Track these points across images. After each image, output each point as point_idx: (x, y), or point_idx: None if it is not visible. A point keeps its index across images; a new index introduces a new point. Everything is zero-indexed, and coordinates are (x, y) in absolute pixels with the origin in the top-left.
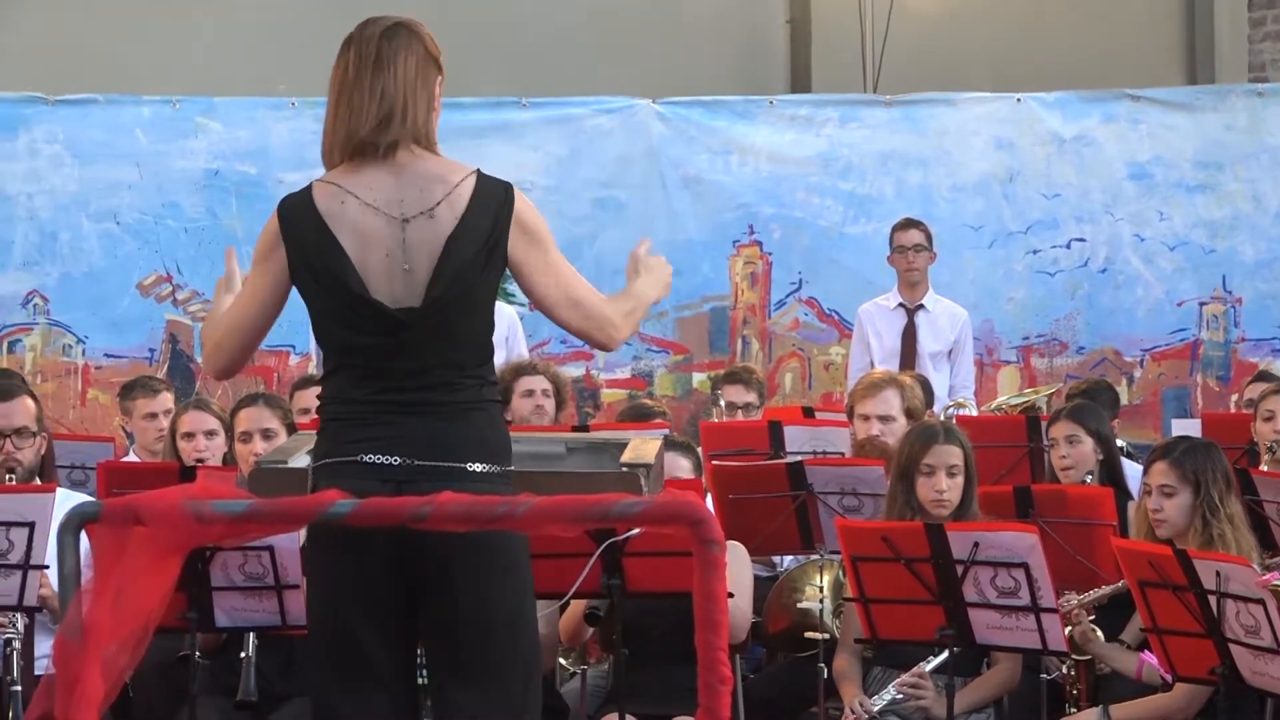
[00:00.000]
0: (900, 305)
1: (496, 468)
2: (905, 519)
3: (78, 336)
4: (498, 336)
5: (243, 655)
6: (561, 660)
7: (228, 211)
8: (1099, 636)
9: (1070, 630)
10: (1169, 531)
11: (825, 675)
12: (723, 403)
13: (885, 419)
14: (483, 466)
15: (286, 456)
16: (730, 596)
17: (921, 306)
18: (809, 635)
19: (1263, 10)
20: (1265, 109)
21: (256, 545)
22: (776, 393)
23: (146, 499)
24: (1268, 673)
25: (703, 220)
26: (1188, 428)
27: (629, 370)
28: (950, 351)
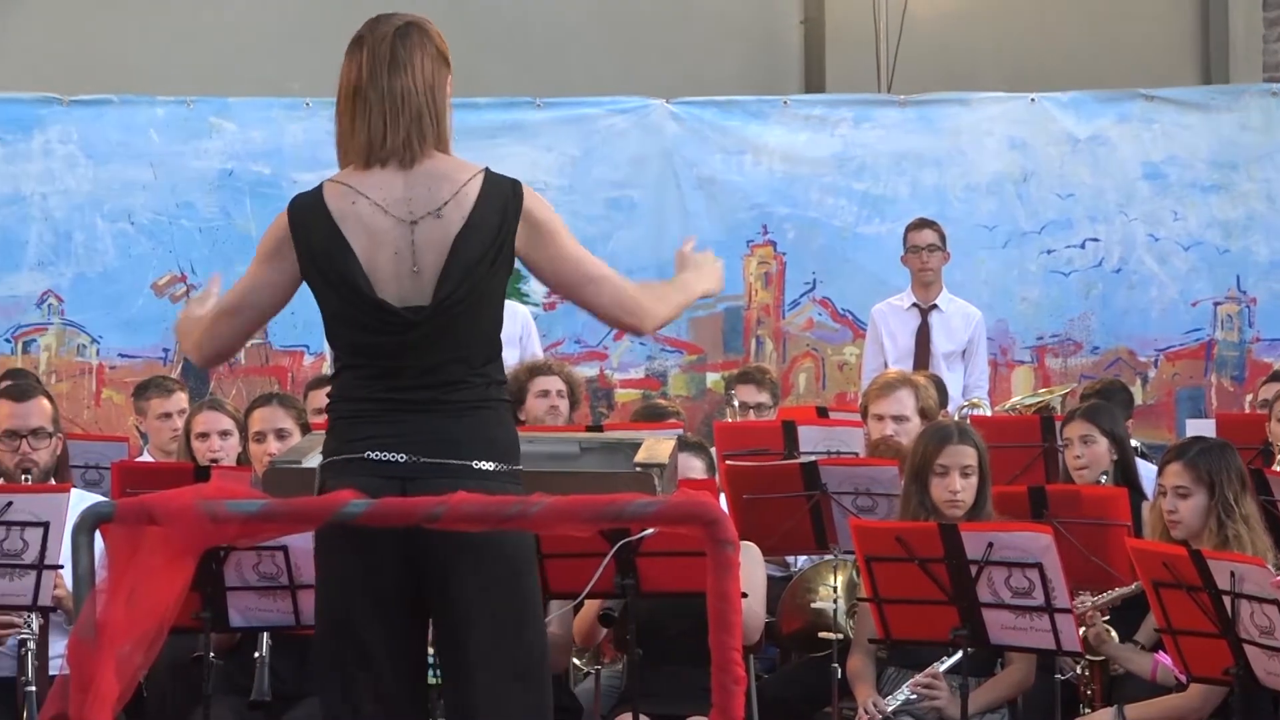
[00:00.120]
0: (914, 305)
1: (504, 466)
2: (919, 519)
3: (92, 336)
4: (511, 336)
5: (257, 655)
6: (575, 660)
7: (242, 211)
8: (1113, 637)
9: (1084, 631)
10: (1184, 533)
11: (839, 675)
12: (736, 403)
13: (899, 419)
14: (490, 465)
15: (300, 456)
16: (744, 596)
17: (935, 306)
18: (823, 635)
19: (1278, 10)
20: None
21: (270, 545)
22: (790, 393)
23: (161, 499)
24: None
25: (717, 220)
26: (1202, 428)
27: (643, 370)
28: (964, 351)
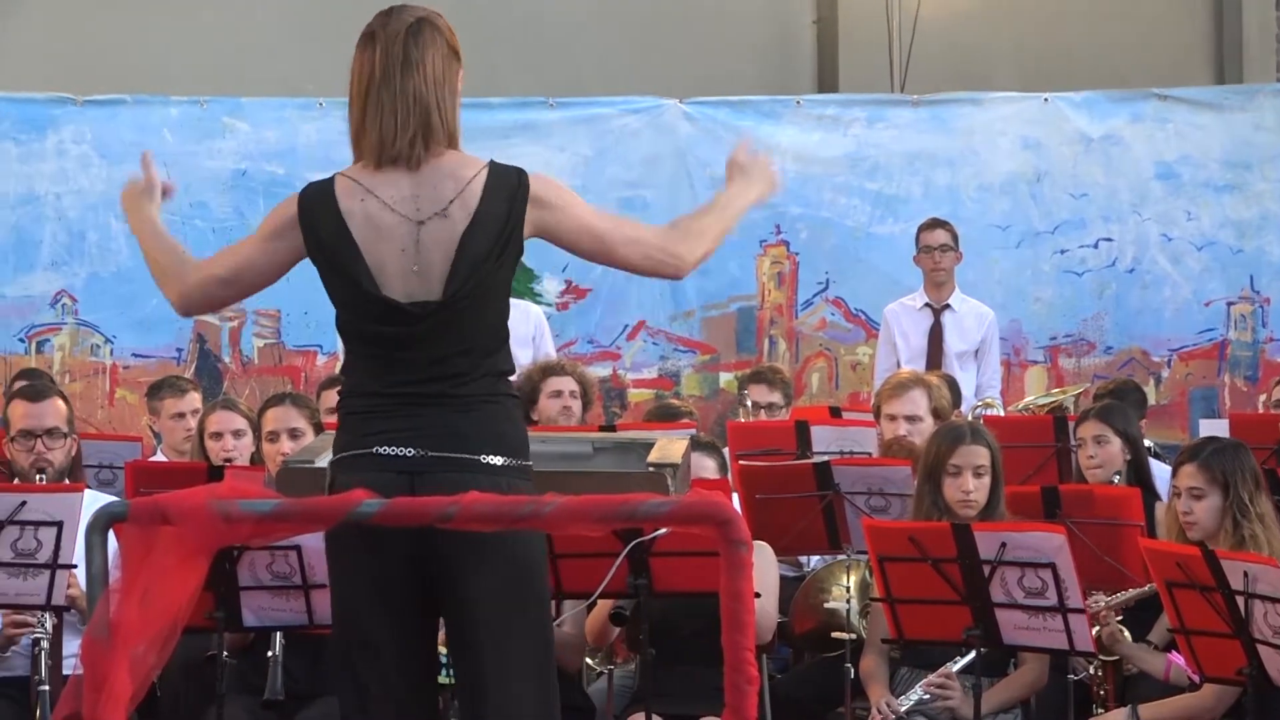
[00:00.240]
0: (926, 305)
1: (513, 461)
2: (932, 519)
3: (106, 336)
4: (524, 336)
5: (270, 654)
6: (588, 660)
7: (255, 211)
8: (1126, 637)
9: (1098, 631)
10: (1200, 534)
11: (852, 675)
12: (749, 403)
13: (912, 419)
14: (500, 459)
15: (313, 456)
16: (757, 596)
17: (948, 306)
18: (836, 635)
19: None
20: None
21: (284, 545)
22: (803, 392)
23: (174, 499)
24: None
25: None
26: (1215, 428)
27: (656, 370)
28: (977, 351)
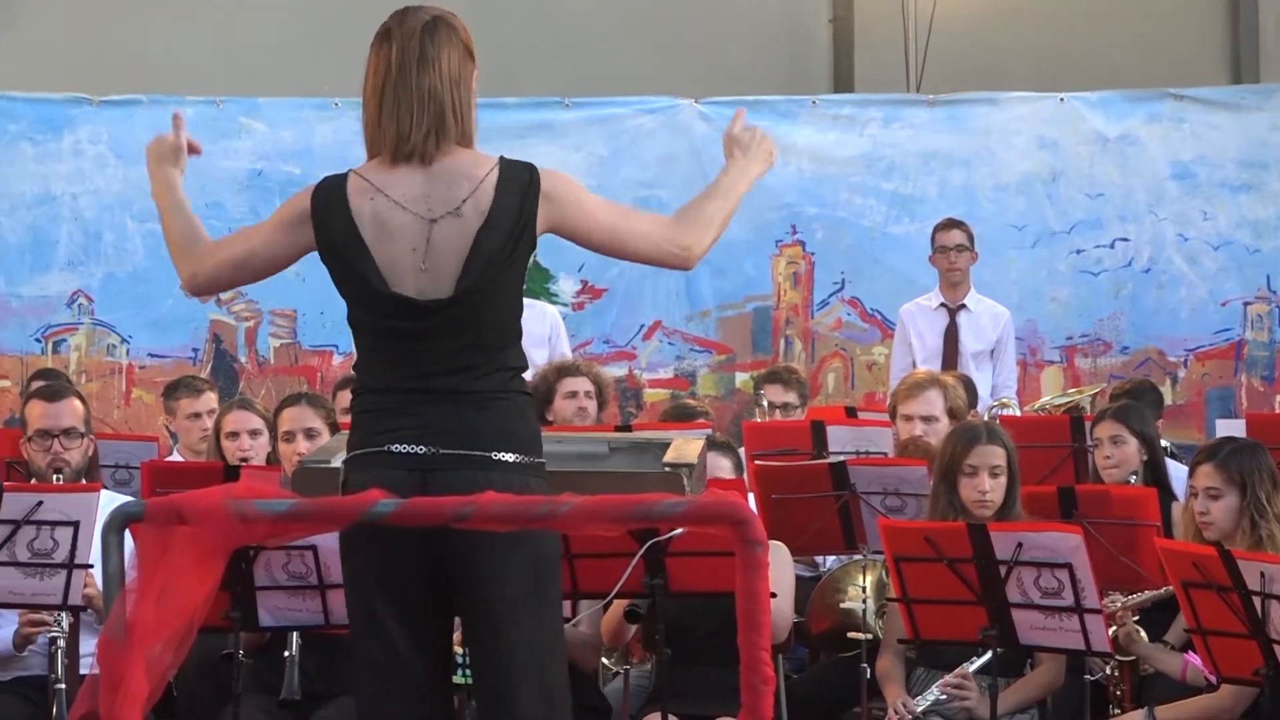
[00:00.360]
0: (942, 305)
1: (525, 458)
2: (948, 519)
3: (122, 336)
4: (540, 336)
5: (286, 654)
6: (605, 660)
7: (271, 211)
8: (1143, 637)
9: (1114, 631)
10: (1216, 534)
11: (868, 676)
12: (765, 402)
13: (928, 419)
14: (512, 456)
15: (329, 456)
16: (772, 596)
17: (963, 306)
18: (852, 635)
19: None
20: None
21: (300, 545)
22: (819, 393)
23: (190, 498)
24: None
25: (745, 220)
26: (1232, 428)
27: (671, 370)
28: (992, 351)
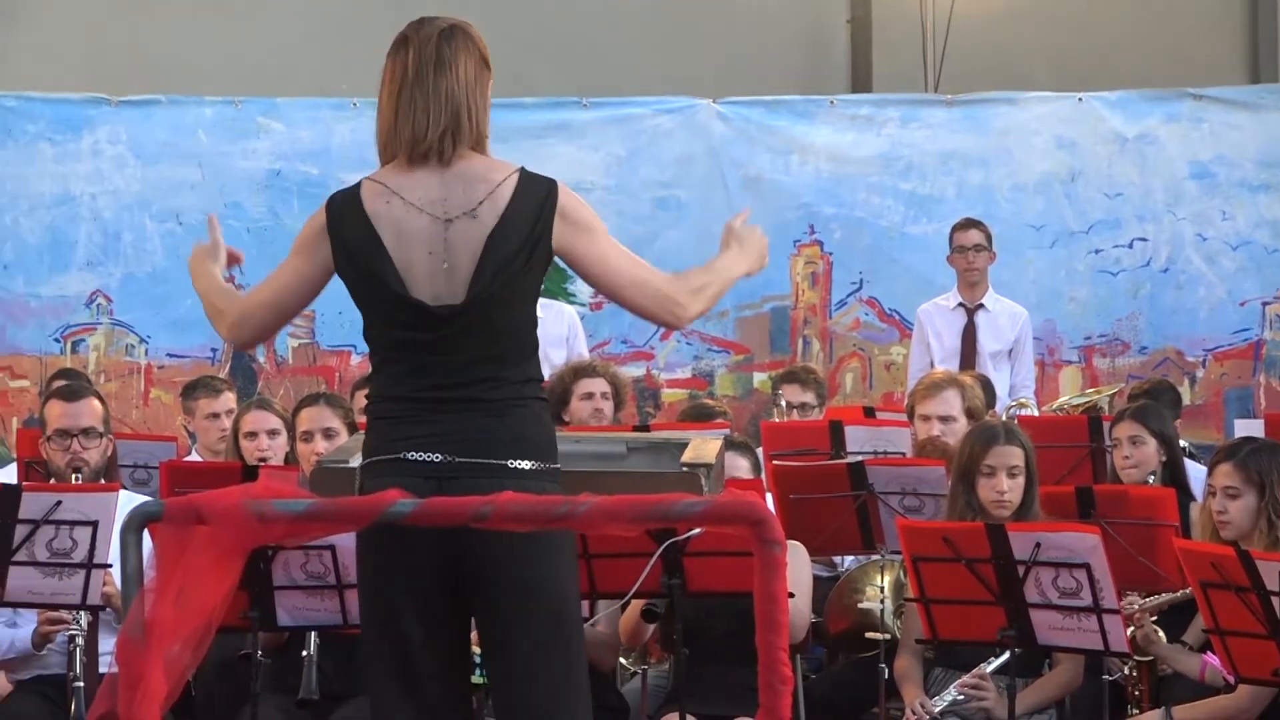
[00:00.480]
0: (960, 305)
1: (541, 464)
2: (966, 519)
3: (140, 336)
4: (558, 336)
5: (304, 654)
6: (622, 660)
7: (290, 211)
8: (1161, 638)
9: (1132, 632)
10: (1234, 534)
11: (886, 676)
12: (783, 402)
13: (946, 419)
14: (528, 464)
15: (347, 456)
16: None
17: (981, 306)
18: (870, 635)
19: None
20: None
21: (318, 544)
22: (837, 393)
23: (208, 498)
24: None
25: (763, 220)
26: (1251, 428)
27: (689, 370)
28: (1010, 351)
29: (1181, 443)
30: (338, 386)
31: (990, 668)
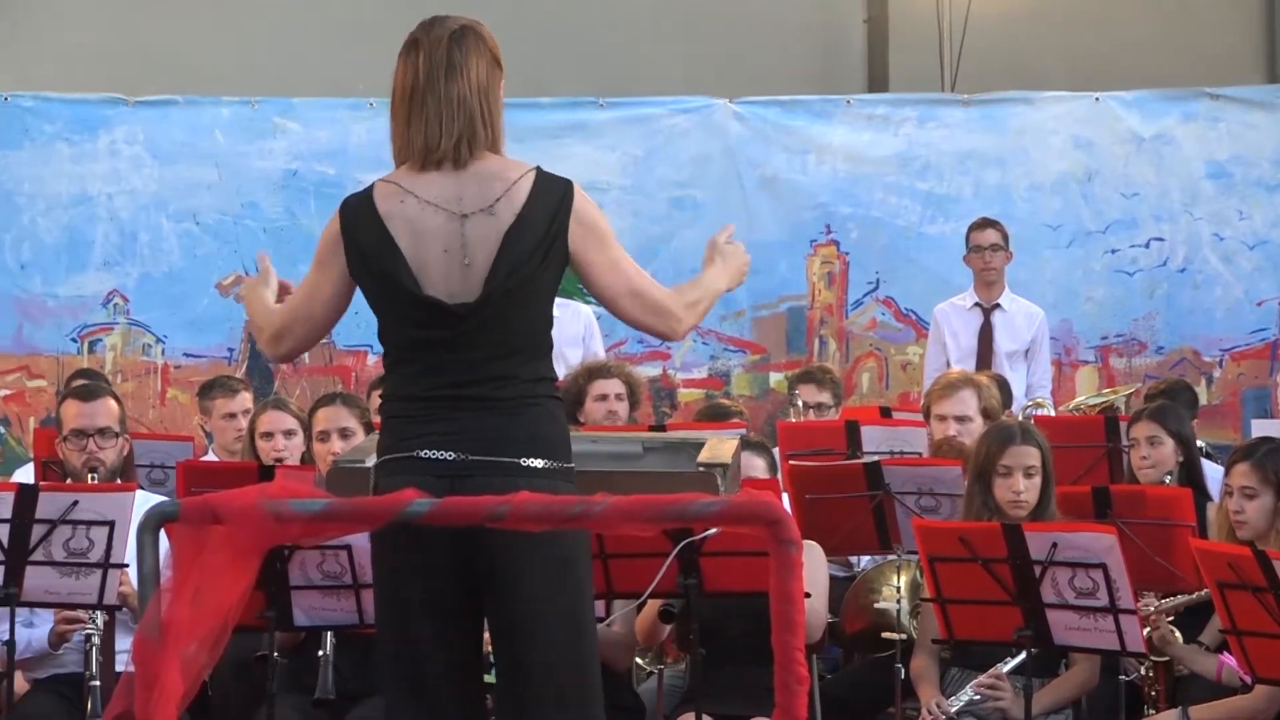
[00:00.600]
0: (976, 305)
1: (554, 463)
2: (983, 519)
3: (157, 336)
4: (574, 336)
5: (321, 654)
6: (639, 660)
7: (306, 211)
8: (1178, 638)
9: (1149, 632)
10: (1250, 534)
11: (902, 676)
12: (800, 402)
13: (962, 419)
14: (541, 462)
15: (364, 456)
16: (807, 596)
17: (998, 306)
18: (886, 635)
19: None
20: None
21: (334, 544)
22: (854, 392)
23: (225, 498)
24: None
25: (780, 220)
26: (1268, 428)
27: (706, 370)
28: (1027, 351)
29: (1198, 443)
30: (354, 386)
31: (1006, 668)
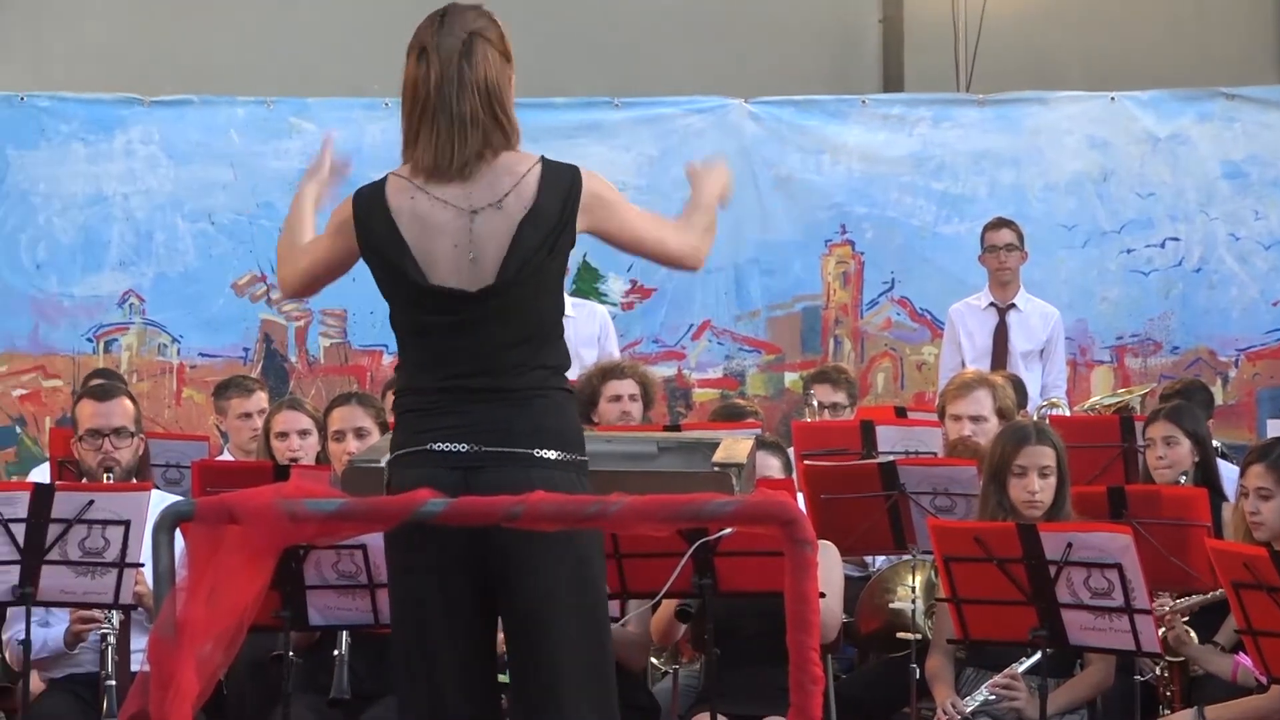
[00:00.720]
0: (991, 305)
1: (568, 456)
2: (998, 519)
3: (173, 336)
4: (589, 336)
5: (336, 653)
6: (654, 660)
7: (321, 212)
8: (1193, 638)
9: (1164, 632)
10: (1266, 534)
11: (917, 676)
12: (815, 402)
13: (977, 419)
14: (554, 454)
15: (379, 456)
16: (821, 596)
17: (1013, 306)
18: (901, 635)
19: None
20: None
21: (350, 544)
22: (869, 392)
23: (240, 498)
24: None
25: (795, 220)
26: None
27: (721, 370)
28: (1042, 351)
29: (1214, 443)
30: (369, 386)
31: (1022, 668)
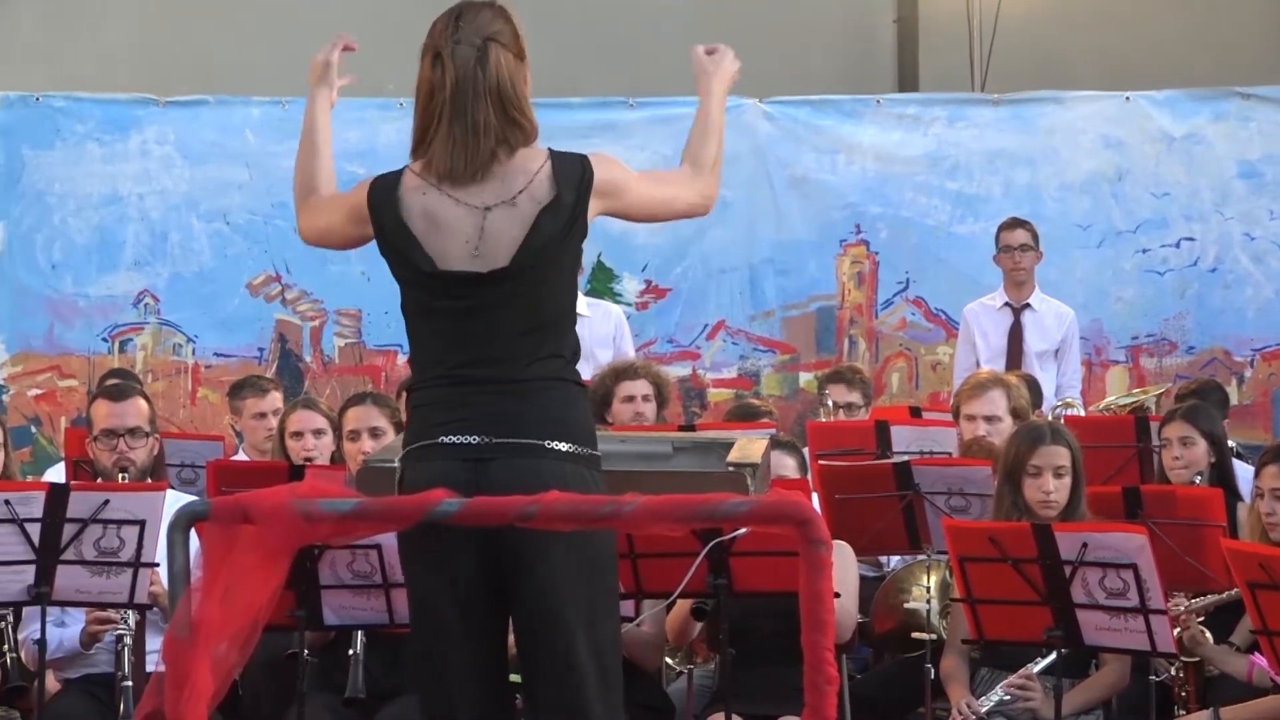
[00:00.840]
0: (1006, 305)
1: (579, 448)
2: (1012, 519)
3: (188, 336)
4: (604, 336)
5: (351, 653)
6: (668, 659)
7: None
8: (1208, 639)
9: (1179, 633)
10: None
11: (932, 676)
12: (829, 402)
13: (991, 419)
14: (565, 445)
15: (394, 455)
16: (836, 596)
17: (1028, 306)
18: (916, 635)
19: None
20: None
21: (364, 544)
22: (883, 392)
23: (255, 497)
24: None
25: (810, 220)
26: None
27: (735, 370)
28: (1057, 351)
29: (1229, 443)
30: (384, 386)
31: (1037, 668)
